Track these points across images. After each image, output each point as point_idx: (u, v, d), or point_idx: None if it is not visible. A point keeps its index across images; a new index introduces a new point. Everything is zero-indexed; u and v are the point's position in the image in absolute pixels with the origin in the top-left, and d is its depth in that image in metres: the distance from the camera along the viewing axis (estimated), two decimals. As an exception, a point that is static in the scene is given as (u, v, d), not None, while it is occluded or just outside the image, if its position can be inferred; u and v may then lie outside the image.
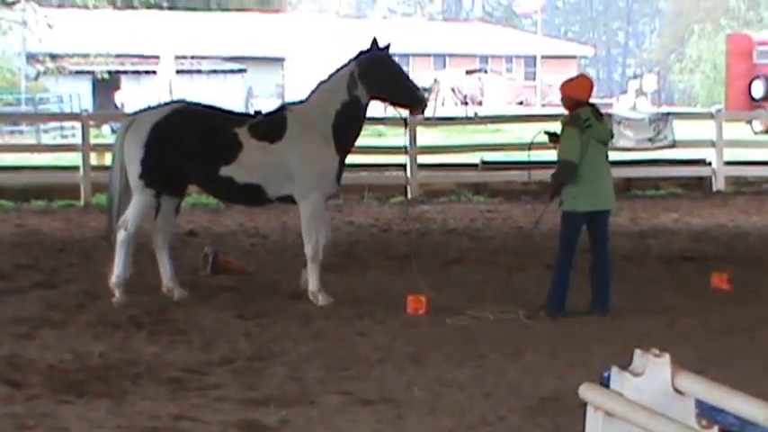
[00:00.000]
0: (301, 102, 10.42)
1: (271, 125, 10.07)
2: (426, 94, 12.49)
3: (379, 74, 9.96)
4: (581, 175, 9.41)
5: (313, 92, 10.29)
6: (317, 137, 9.91)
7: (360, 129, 10.20)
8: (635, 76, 66.09)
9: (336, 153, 9.97)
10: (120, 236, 10.05)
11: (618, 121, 20.39)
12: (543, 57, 64.10)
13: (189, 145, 9.90)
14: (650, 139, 20.28)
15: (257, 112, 10.95)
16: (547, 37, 73.25)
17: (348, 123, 10.00)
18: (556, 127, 9.93)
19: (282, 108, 10.41)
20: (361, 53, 10.11)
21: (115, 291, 9.98)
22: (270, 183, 9.97)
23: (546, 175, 10.11)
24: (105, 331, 8.87)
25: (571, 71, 65.59)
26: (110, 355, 8.11)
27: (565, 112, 9.75)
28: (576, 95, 9.62)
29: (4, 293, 10.42)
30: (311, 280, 10.02)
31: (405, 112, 10.31)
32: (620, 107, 46.70)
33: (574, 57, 70.98)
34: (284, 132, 9.96)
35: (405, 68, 10.93)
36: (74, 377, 7.46)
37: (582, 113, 9.50)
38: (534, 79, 62.86)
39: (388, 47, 10.11)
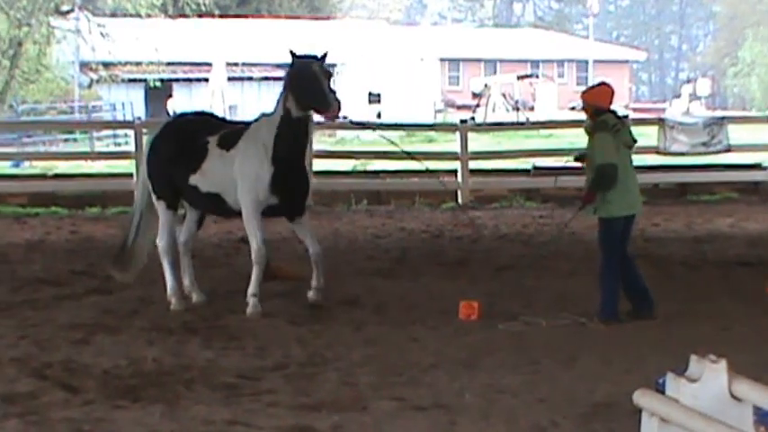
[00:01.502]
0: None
1: (233, 134, 10.05)
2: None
3: (298, 83, 9.63)
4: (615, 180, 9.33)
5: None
6: (259, 145, 9.79)
7: (298, 141, 9.78)
8: (688, 81, 65.63)
9: (271, 163, 9.71)
10: (159, 250, 10.29)
11: (671, 125, 20.25)
12: (595, 61, 63.87)
13: (171, 156, 10.09)
14: (704, 144, 20.06)
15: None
16: (599, 41, 72.86)
17: (285, 135, 9.74)
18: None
19: (259, 117, 10.24)
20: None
21: (171, 299, 10.15)
22: (227, 192, 9.92)
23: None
24: (159, 337, 8.95)
25: (624, 75, 65.50)
26: (164, 360, 8.16)
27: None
28: (599, 103, 9.57)
29: (60, 299, 10.55)
30: (252, 283, 9.91)
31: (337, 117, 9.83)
32: (673, 111, 46.46)
33: (626, 61, 70.59)
34: (238, 141, 9.95)
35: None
36: (128, 382, 7.52)
37: (608, 119, 9.46)
38: (586, 84, 62.54)
39: (317, 57, 9.67)
